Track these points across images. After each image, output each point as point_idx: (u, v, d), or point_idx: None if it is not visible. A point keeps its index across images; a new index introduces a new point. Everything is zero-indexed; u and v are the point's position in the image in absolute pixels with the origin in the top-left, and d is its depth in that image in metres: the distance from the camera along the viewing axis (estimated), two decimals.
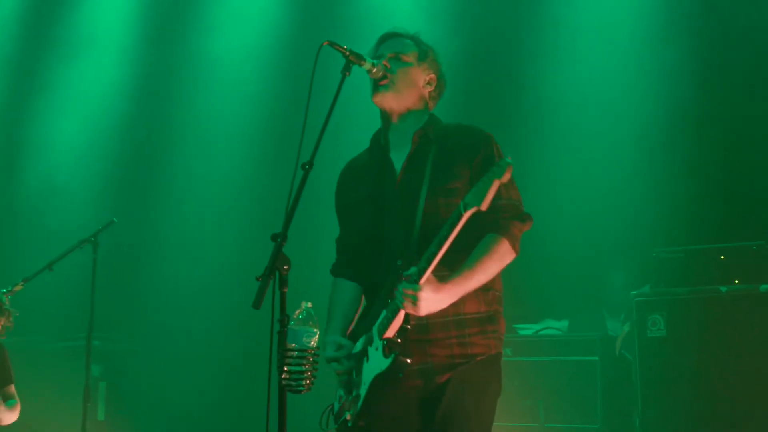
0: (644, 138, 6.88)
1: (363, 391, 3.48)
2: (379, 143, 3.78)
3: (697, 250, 6.09)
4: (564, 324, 6.79)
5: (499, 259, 3.47)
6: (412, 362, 3.38)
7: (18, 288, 6.06)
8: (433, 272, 3.31)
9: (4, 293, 5.99)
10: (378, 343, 3.45)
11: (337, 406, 3.65)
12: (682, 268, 6.03)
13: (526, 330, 6.70)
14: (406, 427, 3.52)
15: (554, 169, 7.06)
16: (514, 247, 3.49)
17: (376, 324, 3.49)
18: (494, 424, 6.20)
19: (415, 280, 3.29)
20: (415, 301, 3.29)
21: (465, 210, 3.16)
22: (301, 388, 3.11)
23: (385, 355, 3.38)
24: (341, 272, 3.85)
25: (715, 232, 6.39)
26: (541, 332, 6.61)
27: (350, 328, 3.74)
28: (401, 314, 3.38)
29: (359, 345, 3.58)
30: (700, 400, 5.63)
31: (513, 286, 6.43)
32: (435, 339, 3.45)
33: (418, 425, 3.51)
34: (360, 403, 3.49)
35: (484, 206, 3.12)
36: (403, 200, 3.60)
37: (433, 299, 3.33)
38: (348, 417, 3.51)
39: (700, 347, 5.70)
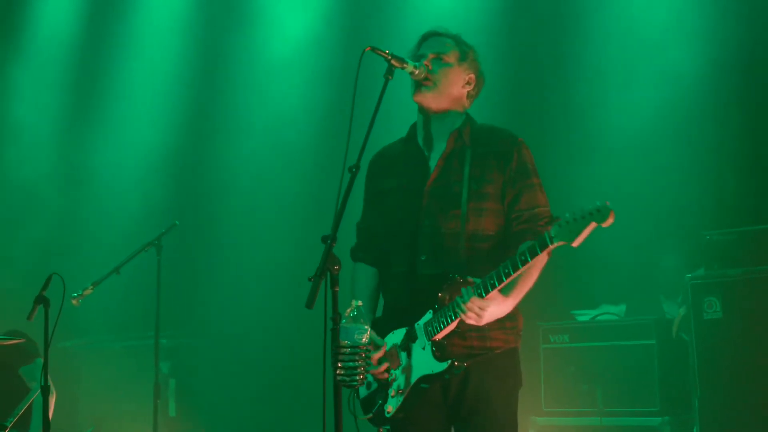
0: (692, 118, 6.82)
1: (406, 386, 3.63)
2: (416, 138, 3.90)
3: (751, 231, 6.04)
4: (621, 308, 6.78)
5: (540, 266, 3.65)
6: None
7: (88, 292, 6.25)
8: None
9: (75, 297, 6.20)
10: (425, 343, 3.60)
11: (364, 392, 3.78)
12: (736, 250, 5.98)
13: (584, 316, 6.72)
14: (436, 414, 3.69)
15: (602, 153, 7.05)
16: (549, 252, 3.62)
17: (421, 322, 3.63)
18: (554, 409, 6.34)
19: (480, 294, 3.47)
20: (481, 314, 3.48)
21: (552, 242, 3.35)
22: (355, 382, 3.23)
23: (438, 359, 3.56)
24: (363, 257, 3.99)
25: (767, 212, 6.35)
26: (599, 317, 6.63)
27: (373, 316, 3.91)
28: (457, 321, 3.54)
29: (395, 339, 3.72)
30: (758, 380, 5.60)
31: (570, 273, 6.57)
32: (457, 331, 3.59)
33: (444, 412, 3.69)
34: (403, 397, 3.63)
35: (575, 244, 3.30)
36: (437, 199, 3.73)
37: (496, 312, 3.55)
38: (389, 409, 3.65)
39: (757, 328, 5.66)
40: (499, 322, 3.65)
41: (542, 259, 3.57)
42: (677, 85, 6.90)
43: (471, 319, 3.49)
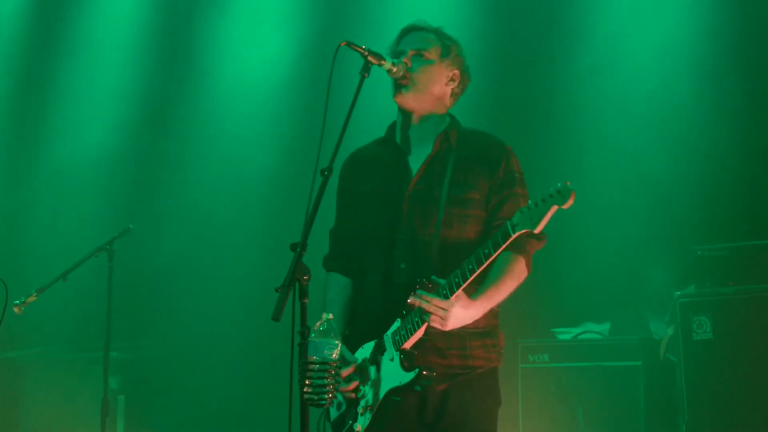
0: (685, 130, 6.88)
1: (375, 402, 3.63)
2: (395, 139, 3.89)
3: (744, 247, 6.09)
4: (605, 327, 6.81)
5: (517, 278, 3.66)
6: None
7: (32, 299, 6.19)
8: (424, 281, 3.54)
9: (17, 304, 6.13)
10: (393, 354, 3.59)
11: (334, 413, 3.77)
12: (729, 267, 6.04)
13: (565, 334, 6.74)
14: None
15: (590, 163, 7.09)
16: (528, 265, 3.67)
17: (389, 332, 3.63)
18: None
19: (446, 295, 3.45)
20: (445, 316, 3.45)
21: (514, 231, 3.34)
22: (324, 401, 3.20)
23: (406, 369, 3.54)
24: (336, 266, 3.98)
25: (763, 227, 6.39)
26: (581, 336, 6.66)
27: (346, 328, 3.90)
28: (424, 327, 3.53)
29: (365, 353, 3.71)
30: (750, 406, 5.64)
31: (551, 289, 6.59)
32: (435, 348, 3.59)
33: (420, 430, 3.66)
34: (372, 414, 3.62)
35: (537, 230, 3.29)
36: (418, 204, 3.73)
37: (462, 316, 3.51)
38: (358, 429, 3.64)
39: (749, 350, 5.70)
40: (480, 339, 3.66)
41: (520, 269, 3.61)
42: (671, 91, 6.96)
43: (435, 323, 3.47)
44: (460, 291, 3.46)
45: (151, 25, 9.08)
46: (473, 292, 3.52)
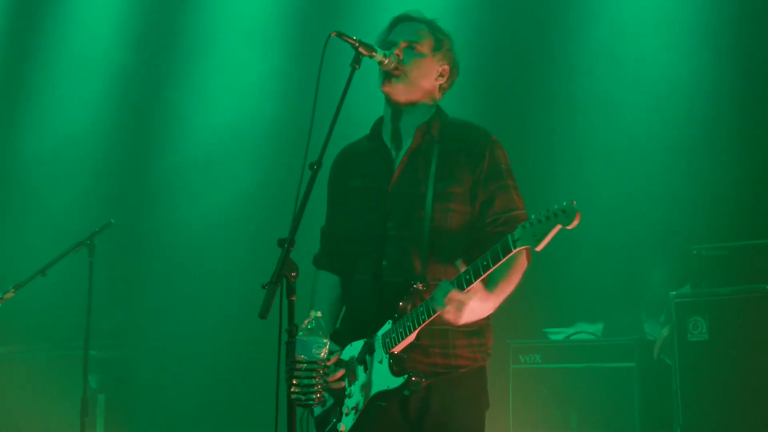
0: (684, 128, 6.90)
1: (361, 404, 3.64)
2: (380, 133, 3.90)
3: (742, 247, 6.12)
4: (599, 327, 6.83)
5: (521, 269, 3.67)
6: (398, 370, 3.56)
7: (9, 295, 6.15)
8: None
9: None
10: (383, 357, 3.60)
11: (318, 410, 3.78)
12: (726, 266, 6.05)
13: (557, 334, 6.76)
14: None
15: (587, 160, 7.11)
16: (528, 256, 3.66)
17: (379, 334, 3.64)
18: None
19: (463, 287, 3.43)
20: (461, 308, 3.43)
21: (515, 246, 3.34)
22: (311, 401, 3.18)
23: (395, 373, 3.56)
24: (325, 264, 4.00)
25: (761, 227, 6.41)
26: (574, 336, 6.67)
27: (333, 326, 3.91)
28: (416, 332, 3.54)
29: (353, 351, 3.72)
30: (746, 408, 5.66)
31: (543, 287, 6.61)
32: (419, 345, 3.59)
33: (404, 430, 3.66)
34: (357, 415, 3.63)
35: (539, 248, 3.29)
36: (402, 200, 3.74)
37: (478, 308, 3.50)
38: (342, 428, 3.66)
39: (746, 351, 5.72)
40: (467, 339, 3.67)
41: (523, 261, 3.64)
42: (670, 88, 6.99)
43: (449, 314, 3.45)
44: (477, 282, 3.43)
45: (138, 16, 9.05)
46: (486, 284, 3.52)
